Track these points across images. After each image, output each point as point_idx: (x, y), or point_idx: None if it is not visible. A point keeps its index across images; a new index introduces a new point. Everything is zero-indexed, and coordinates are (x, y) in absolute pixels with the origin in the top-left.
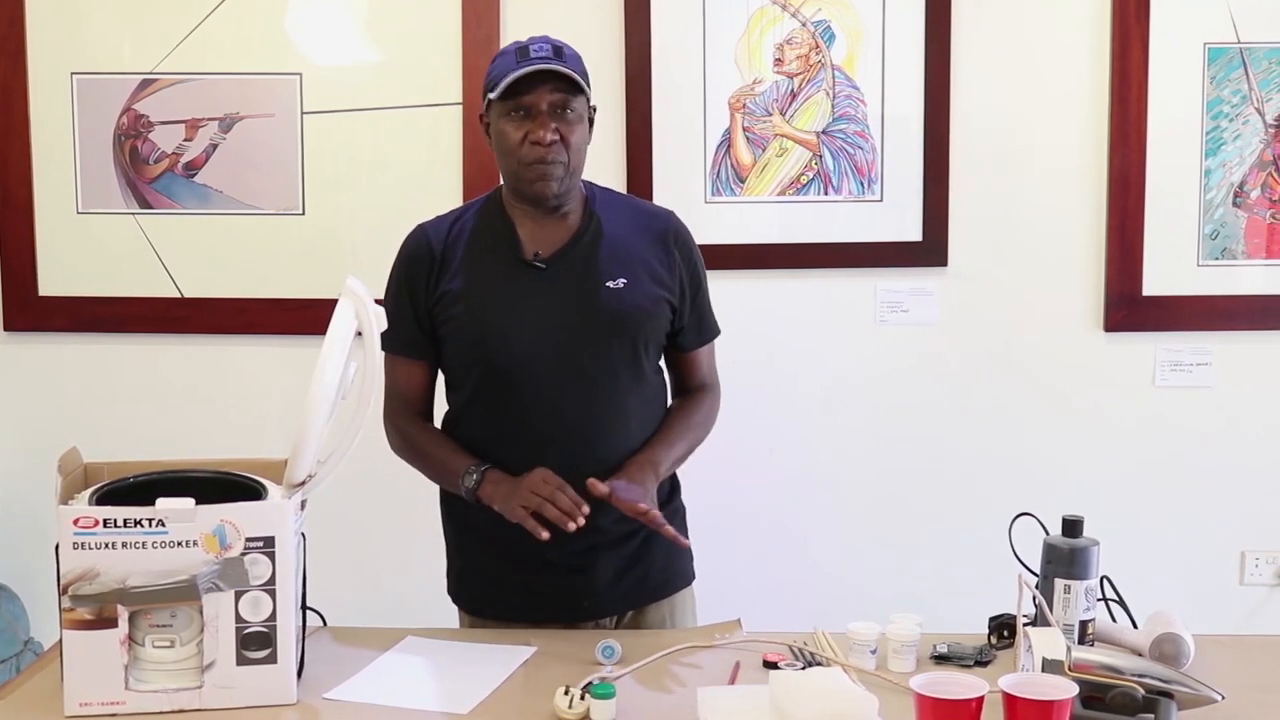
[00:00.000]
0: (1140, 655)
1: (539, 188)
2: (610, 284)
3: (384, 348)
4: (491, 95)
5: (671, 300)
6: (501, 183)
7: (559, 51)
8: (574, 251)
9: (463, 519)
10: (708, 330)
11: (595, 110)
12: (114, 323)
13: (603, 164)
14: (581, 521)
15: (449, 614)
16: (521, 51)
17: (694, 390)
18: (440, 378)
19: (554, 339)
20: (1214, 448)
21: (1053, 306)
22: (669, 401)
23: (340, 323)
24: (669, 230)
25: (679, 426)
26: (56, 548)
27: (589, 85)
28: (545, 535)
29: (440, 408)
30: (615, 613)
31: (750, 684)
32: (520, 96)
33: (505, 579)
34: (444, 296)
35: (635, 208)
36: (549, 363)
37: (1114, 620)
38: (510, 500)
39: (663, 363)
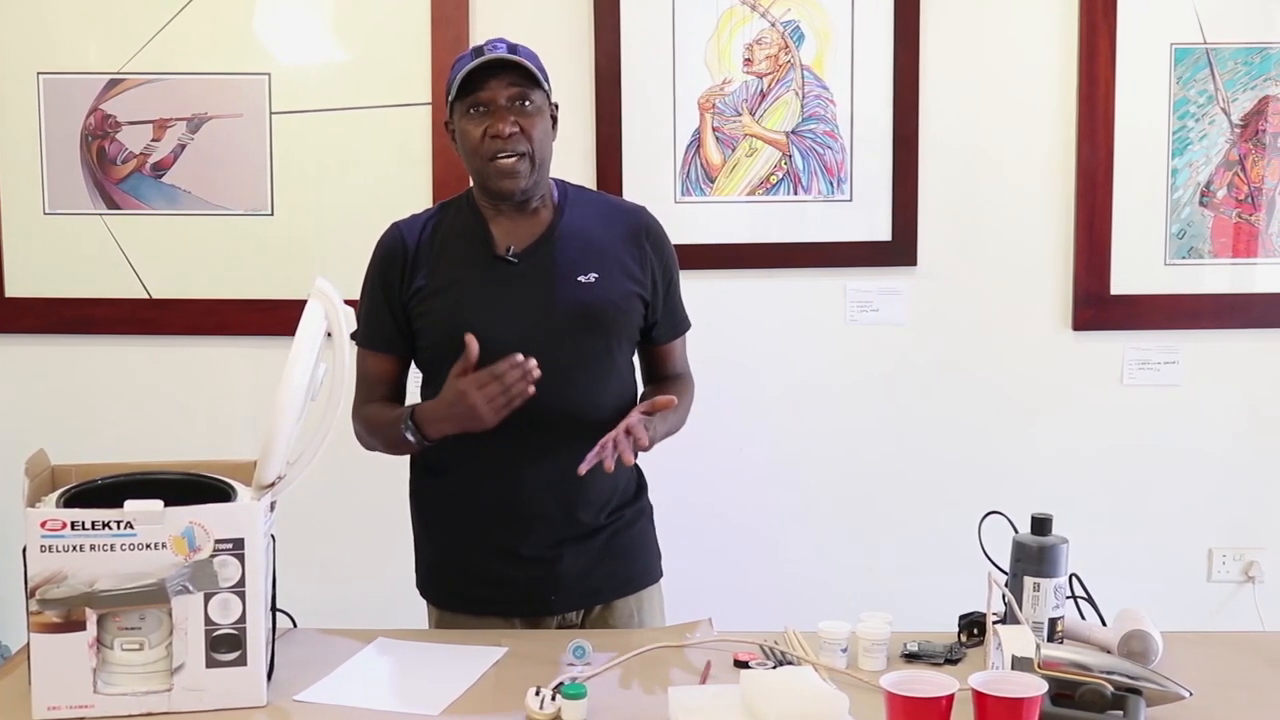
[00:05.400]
0: (1109, 652)
1: (506, 185)
2: (581, 278)
3: (357, 342)
4: (451, 97)
5: (644, 295)
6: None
7: (514, 50)
8: (545, 247)
9: (432, 513)
10: (680, 324)
11: (558, 108)
12: (82, 324)
13: (572, 164)
14: (536, 374)
15: (420, 615)
16: (476, 51)
17: (669, 378)
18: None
19: (526, 333)
20: (1182, 446)
21: (1021, 305)
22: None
23: (309, 323)
24: (641, 226)
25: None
26: (24, 550)
27: (547, 81)
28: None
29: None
30: (582, 607)
31: (721, 683)
32: (478, 92)
33: (473, 572)
34: (418, 292)
35: (608, 204)
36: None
37: (1083, 618)
38: (466, 420)
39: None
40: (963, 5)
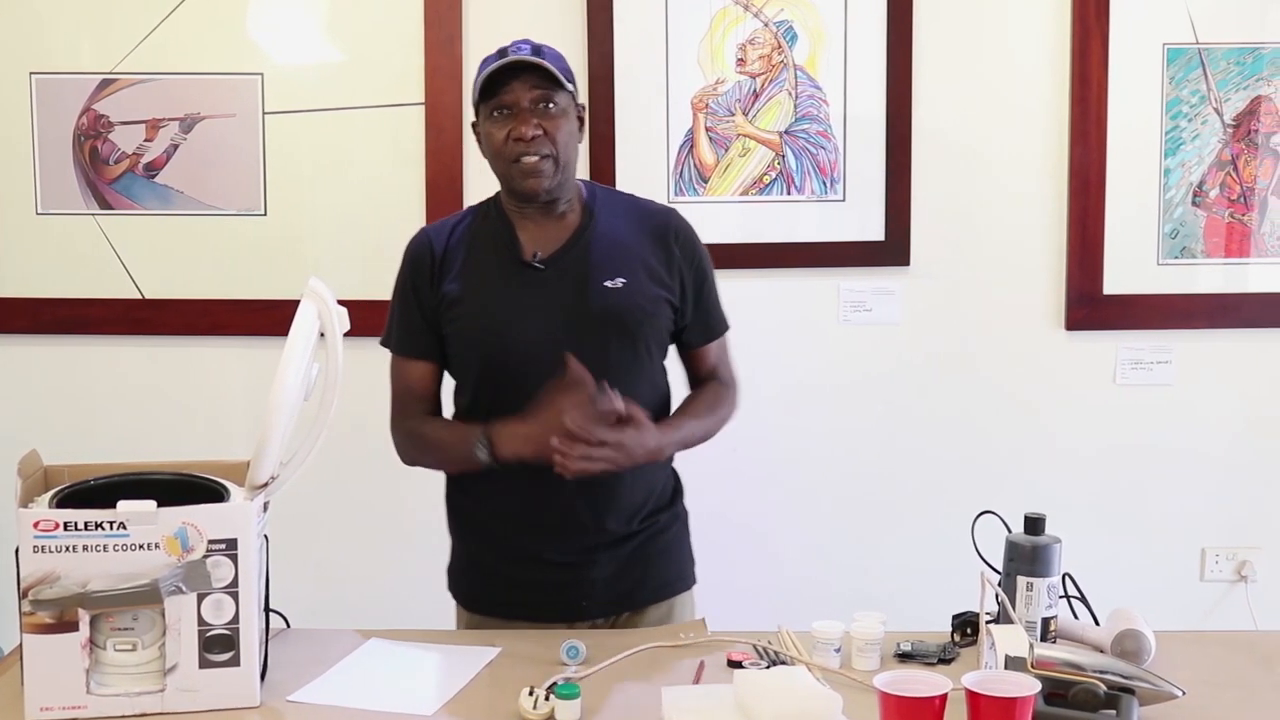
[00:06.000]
0: (1102, 652)
1: (530, 184)
2: (608, 283)
3: (393, 350)
4: (475, 99)
5: (671, 299)
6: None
7: (538, 51)
8: (572, 251)
9: (465, 517)
10: (715, 326)
11: (584, 109)
12: (75, 324)
13: None
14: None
15: (412, 616)
16: (501, 53)
17: (705, 383)
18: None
19: (552, 339)
20: (1174, 445)
21: (1014, 305)
22: (672, 400)
23: (302, 324)
24: (670, 228)
25: (687, 409)
26: (16, 551)
27: (573, 83)
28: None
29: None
30: (613, 613)
31: (715, 683)
32: (501, 95)
33: (505, 576)
34: (445, 297)
35: (636, 207)
36: (547, 363)
37: (1076, 617)
38: (541, 453)
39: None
40: (956, 5)
